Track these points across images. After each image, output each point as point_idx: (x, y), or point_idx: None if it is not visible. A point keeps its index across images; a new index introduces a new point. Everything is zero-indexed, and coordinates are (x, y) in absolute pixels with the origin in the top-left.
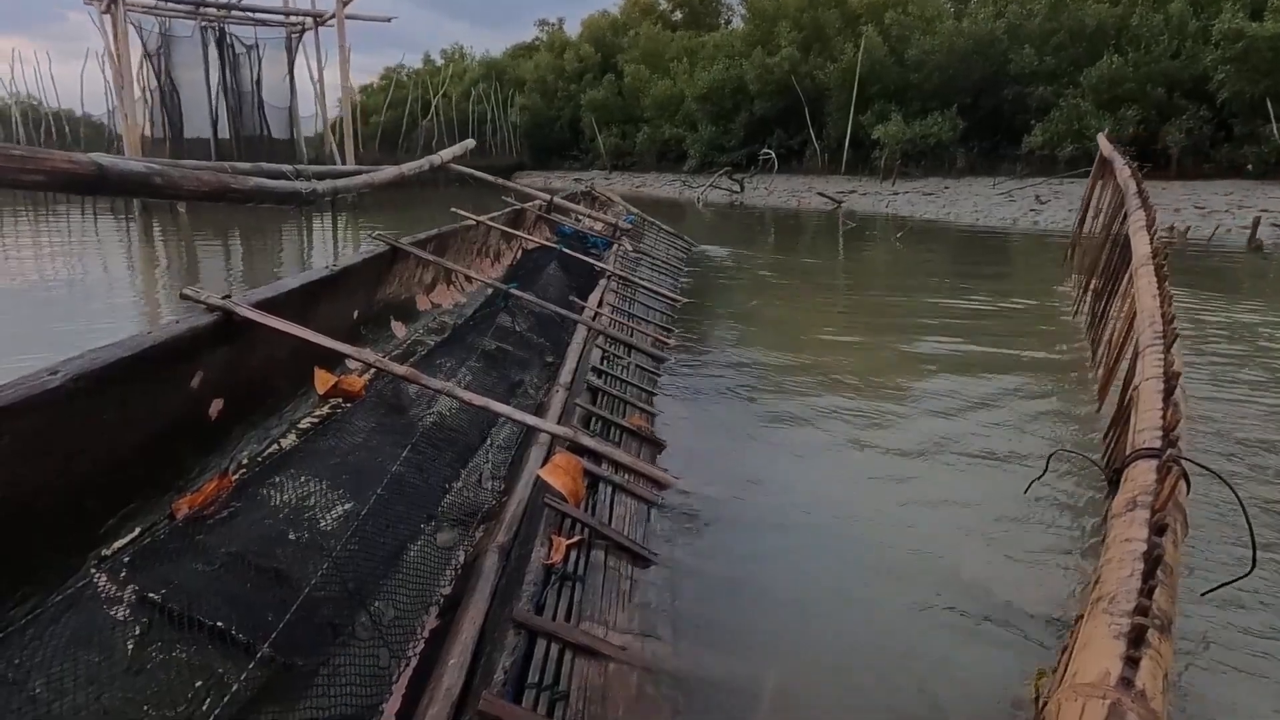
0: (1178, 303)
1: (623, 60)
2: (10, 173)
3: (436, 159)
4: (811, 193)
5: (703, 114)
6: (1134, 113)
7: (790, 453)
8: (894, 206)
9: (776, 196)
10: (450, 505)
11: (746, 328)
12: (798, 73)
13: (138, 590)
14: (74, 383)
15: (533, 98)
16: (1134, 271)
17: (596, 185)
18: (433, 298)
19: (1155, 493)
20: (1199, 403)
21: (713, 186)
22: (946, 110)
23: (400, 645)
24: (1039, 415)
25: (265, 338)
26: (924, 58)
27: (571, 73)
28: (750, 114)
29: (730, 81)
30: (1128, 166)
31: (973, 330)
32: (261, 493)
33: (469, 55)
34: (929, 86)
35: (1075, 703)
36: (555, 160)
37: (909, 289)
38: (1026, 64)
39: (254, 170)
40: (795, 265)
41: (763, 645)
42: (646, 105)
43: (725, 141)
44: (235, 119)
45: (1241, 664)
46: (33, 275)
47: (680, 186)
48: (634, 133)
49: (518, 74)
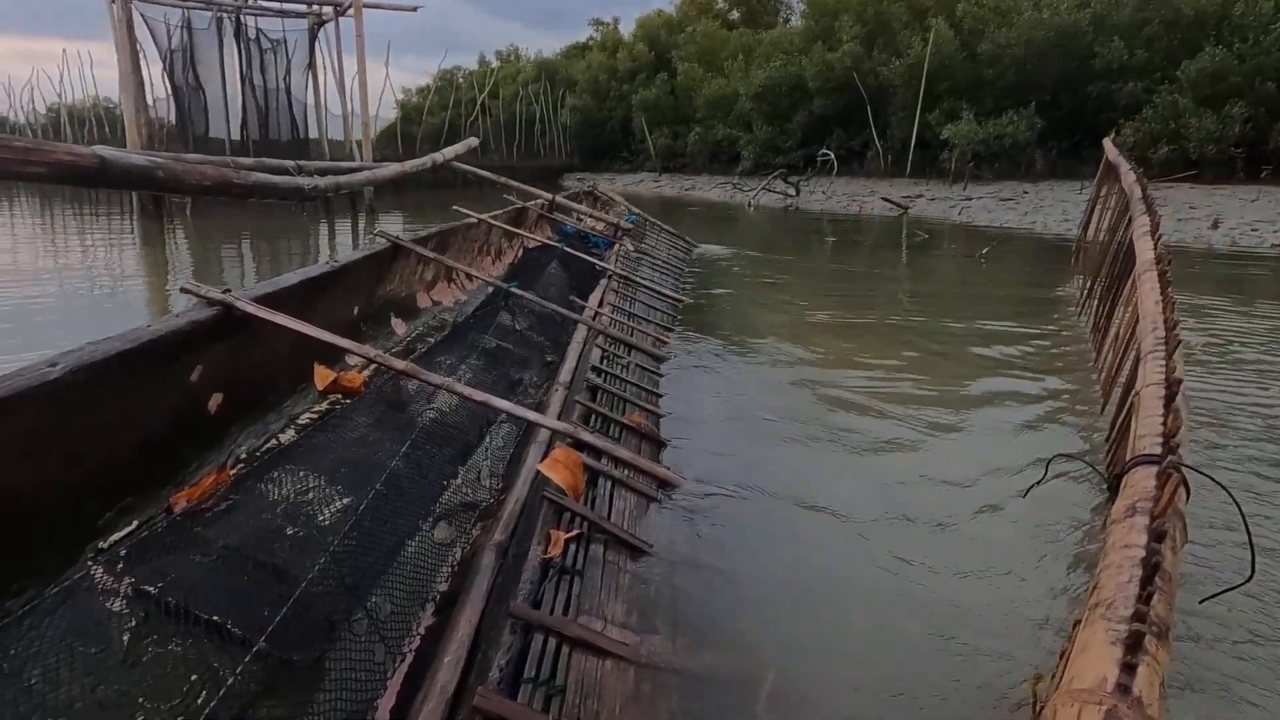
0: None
1: (676, 58)
2: (13, 165)
3: (439, 157)
4: (874, 197)
5: (758, 113)
6: (1240, 110)
7: (791, 451)
8: (967, 214)
9: (835, 201)
10: (448, 501)
11: (749, 326)
12: (860, 69)
13: (134, 583)
14: (72, 375)
15: (584, 98)
16: (1137, 277)
17: (644, 187)
18: (433, 295)
19: (1155, 499)
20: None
21: (765, 189)
22: (1023, 108)
23: (396, 641)
24: (1039, 417)
25: (265, 332)
26: (999, 52)
27: (624, 72)
28: (809, 113)
29: (788, 79)
30: (1132, 172)
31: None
32: (259, 487)
33: (524, 56)
34: (1004, 83)
35: (1071, 708)
36: (605, 162)
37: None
38: (1114, 57)
39: (256, 165)
40: (855, 291)
41: (761, 641)
42: (699, 105)
43: (781, 142)
44: (255, 118)
45: (1239, 671)
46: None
47: (731, 189)
48: (685, 133)
49: (569, 74)
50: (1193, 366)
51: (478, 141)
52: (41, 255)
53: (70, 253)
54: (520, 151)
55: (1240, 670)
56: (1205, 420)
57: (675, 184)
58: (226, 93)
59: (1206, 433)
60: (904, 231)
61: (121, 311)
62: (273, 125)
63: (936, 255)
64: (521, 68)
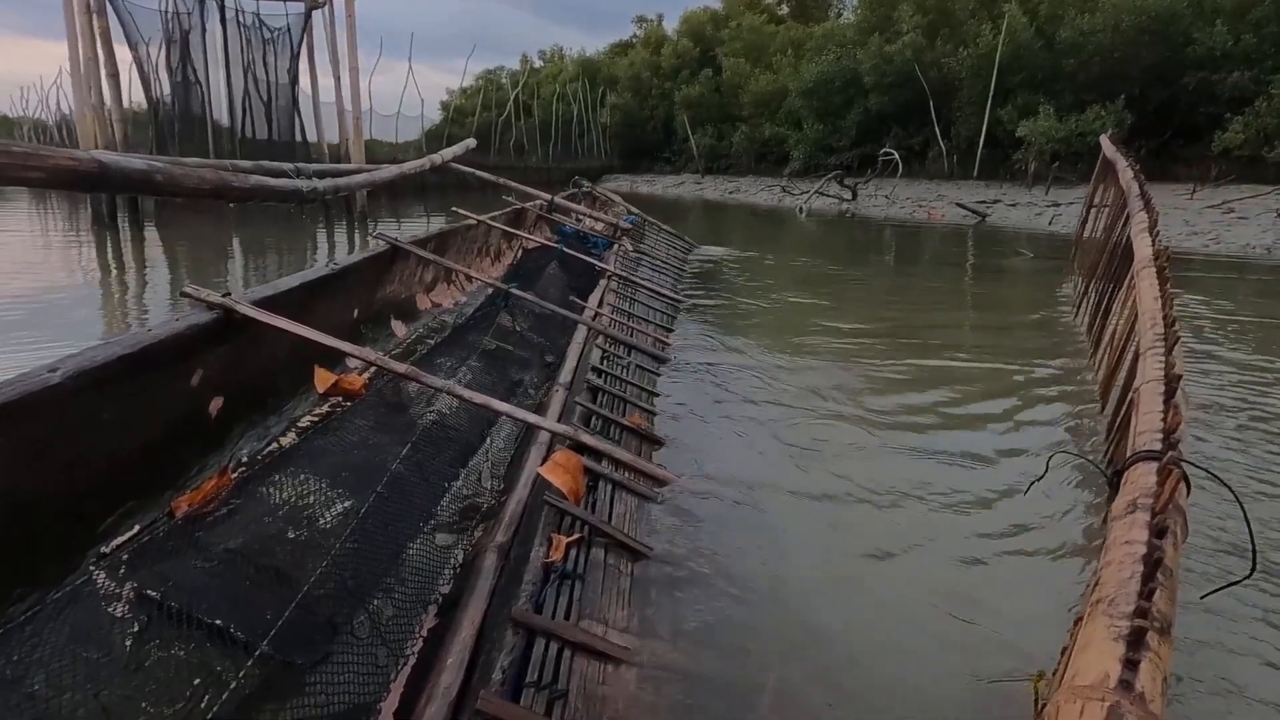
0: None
1: (722, 54)
2: (12, 170)
3: (437, 158)
4: (944, 202)
5: (808, 110)
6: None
7: (791, 451)
8: (1059, 222)
9: (898, 206)
10: (450, 504)
11: (752, 328)
12: (922, 61)
13: (136, 588)
14: (73, 380)
15: (624, 96)
16: (1135, 274)
17: (686, 189)
18: (433, 297)
19: (1156, 495)
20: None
21: (819, 193)
22: (1109, 102)
23: (399, 644)
24: (1039, 416)
25: (265, 336)
26: (1081, 40)
27: (667, 69)
28: (864, 110)
29: (842, 74)
30: (1130, 168)
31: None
32: (261, 491)
33: (567, 56)
34: (1086, 75)
35: (1074, 705)
36: (646, 163)
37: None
38: (1216, 44)
39: (255, 168)
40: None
41: (763, 644)
42: (745, 102)
43: (834, 141)
44: (243, 117)
45: (1241, 666)
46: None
47: (779, 193)
48: (730, 132)
49: (611, 72)
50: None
51: (475, 143)
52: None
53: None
54: (556, 152)
55: (1242, 665)
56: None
57: (718, 186)
58: (202, 83)
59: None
60: (987, 243)
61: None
62: (249, 123)
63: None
64: (564, 67)
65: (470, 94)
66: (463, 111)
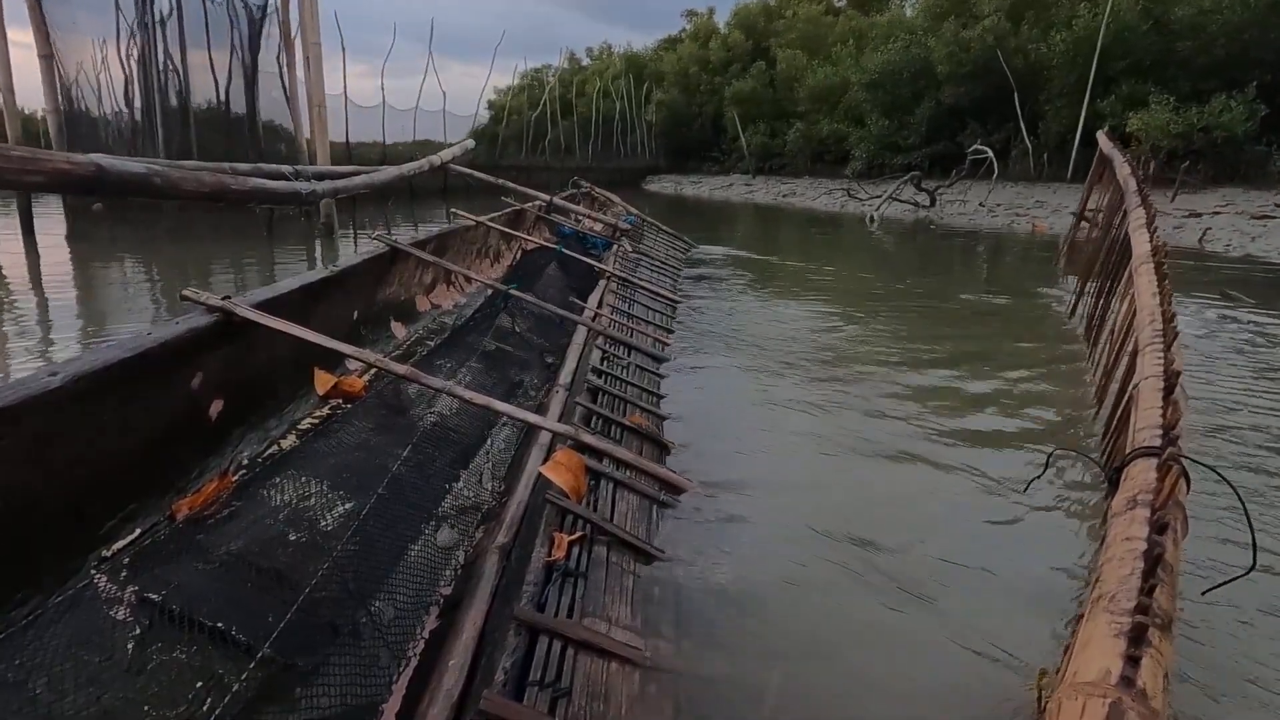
0: None
1: (775, 45)
2: (10, 174)
3: (436, 159)
4: (1050, 211)
5: (872, 105)
6: None
7: (793, 450)
8: (1210, 237)
9: (987, 214)
10: (450, 505)
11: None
12: (1004, 48)
13: (138, 591)
14: (74, 384)
15: (671, 92)
16: (1134, 270)
17: (734, 191)
18: (432, 298)
19: (1155, 491)
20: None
21: (892, 199)
22: (1237, 91)
23: (400, 645)
24: (1039, 415)
25: (265, 338)
26: (1200, 19)
27: (717, 63)
28: (935, 104)
29: (911, 63)
30: (1127, 164)
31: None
32: (261, 493)
33: (614, 53)
34: (1206, 59)
35: (1076, 701)
36: (693, 163)
37: None
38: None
39: (253, 171)
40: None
41: (767, 643)
42: (801, 97)
43: (900, 139)
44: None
45: (1242, 662)
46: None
47: (842, 196)
48: (784, 130)
49: (658, 68)
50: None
51: (474, 144)
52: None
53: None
54: (597, 152)
55: (1244, 661)
56: None
57: (771, 189)
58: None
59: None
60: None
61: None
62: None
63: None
64: (610, 63)
65: (517, 93)
66: (510, 111)
